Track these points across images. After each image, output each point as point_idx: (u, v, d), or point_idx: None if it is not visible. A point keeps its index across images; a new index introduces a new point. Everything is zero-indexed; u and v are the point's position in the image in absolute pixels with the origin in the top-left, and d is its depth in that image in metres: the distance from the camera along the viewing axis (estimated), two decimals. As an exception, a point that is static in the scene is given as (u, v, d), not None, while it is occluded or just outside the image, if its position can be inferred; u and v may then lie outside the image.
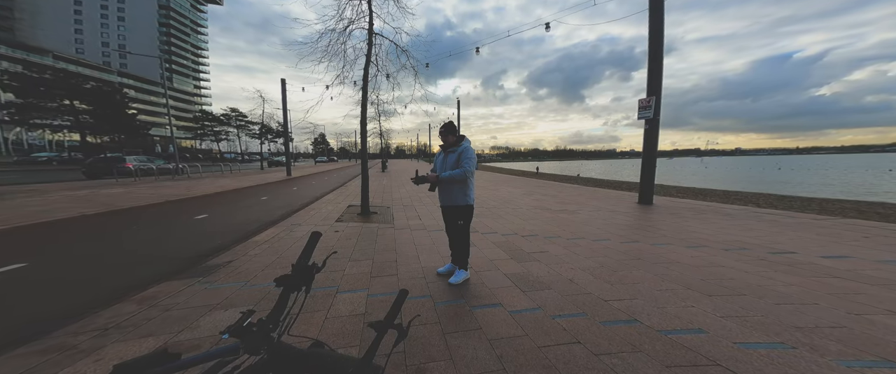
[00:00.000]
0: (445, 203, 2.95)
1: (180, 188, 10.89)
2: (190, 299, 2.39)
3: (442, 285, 2.91)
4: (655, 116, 7.54)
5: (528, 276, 3.14)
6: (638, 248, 4.06)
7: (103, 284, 2.85)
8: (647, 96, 7.61)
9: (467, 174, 2.81)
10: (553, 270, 3.29)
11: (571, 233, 4.87)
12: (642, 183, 8.01)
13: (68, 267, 3.32)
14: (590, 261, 3.55)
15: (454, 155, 2.85)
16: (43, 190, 9.41)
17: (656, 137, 7.78)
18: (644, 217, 6.22)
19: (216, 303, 2.33)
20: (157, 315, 2.13)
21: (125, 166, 14.44)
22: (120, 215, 6.34)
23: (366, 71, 6.13)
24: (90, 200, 7.70)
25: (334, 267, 3.30)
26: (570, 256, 3.74)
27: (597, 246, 4.13)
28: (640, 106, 7.81)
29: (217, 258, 3.51)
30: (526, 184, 15.37)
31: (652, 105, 7.47)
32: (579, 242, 4.35)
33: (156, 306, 2.22)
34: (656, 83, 7.51)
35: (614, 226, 5.37)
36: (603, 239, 4.49)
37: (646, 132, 7.82)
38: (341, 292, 2.71)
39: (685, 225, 5.41)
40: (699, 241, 4.38)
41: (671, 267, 3.32)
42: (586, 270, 3.28)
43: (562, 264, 3.48)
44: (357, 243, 4.23)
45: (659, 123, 7.71)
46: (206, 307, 2.24)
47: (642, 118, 7.78)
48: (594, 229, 5.09)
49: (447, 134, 2.91)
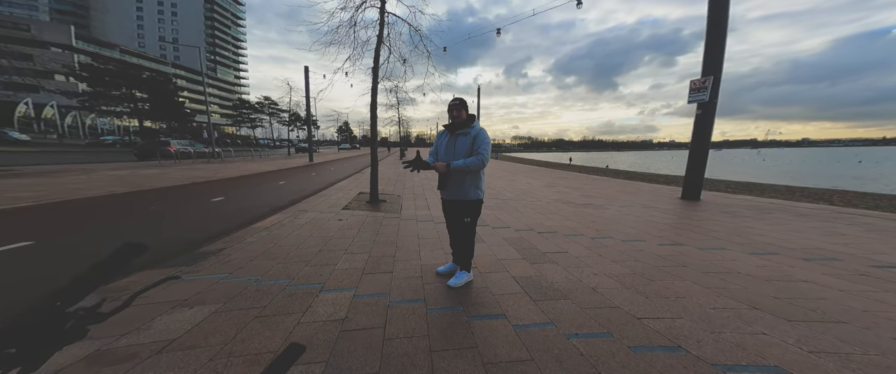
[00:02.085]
0: (451, 197, 2.51)
1: (209, 171, 11.45)
2: (159, 292, 2.23)
3: (440, 287, 2.54)
4: (712, 99, 6.43)
5: (541, 281, 2.67)
6: (681, 252, 3.39)
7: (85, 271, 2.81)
8: (703, 76, 6.50)
9: (484, 163, 2.36)
10: (572, 275, 2.79)
11: (597, 231, 4.26)
12: (688, 176, 6.98)
13: (64, 249, 3.31)
14: (618, 266, 2.99)
15: (466, 139, 2.38)
16: (93, 169, 10.31)
17: (711, 124, 6.66)
18: (689, 215, 5.37)
19: (184, 299, 2.14)
20: (116, 313, 1.96)
21: (168, 149, 15.59)
22: (145, 195, 6.63)
23: (377, 52, 5.76)
24: (126, 180, 8.24)
25: (325, 261, 3.04)
26: (595, 258, 3.19)
27: (628, 248, 3.52)
28: (693, 88, 6.71)
29: (212, 245, 3.40)
30: (547, 175, 14.44)
31: (708, 86, 6.37)
32: (606, 242, 3.76)
33: (118, 301, 2.07)
34: (715, 61, 6.36)
35: (650, 224, 4.65)
36: (636, 239, 3.85)
37: (697, 118, 6.73)
38: (326, 290, 2.43)
39: (745, 226, 4.55)
40: (766, 246, 3.60)
41: (729, 279, 2.67)
42: (614, 276, 2.74)
43: (583, 267, 2.95)
44: (358, 234, 3.97)
45: (715, 108, 6.58)
46: (170, 304, 2.05)
47: (694, 101, 6.69)
48: (625, 228, 4.43)
49: (459, 110, 2.43)
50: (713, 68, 6.37)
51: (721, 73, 6.41)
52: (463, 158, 2.39)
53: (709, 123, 6.63)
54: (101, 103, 33.51)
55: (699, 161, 6.81)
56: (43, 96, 41.42)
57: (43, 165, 11.65)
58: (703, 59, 6.53)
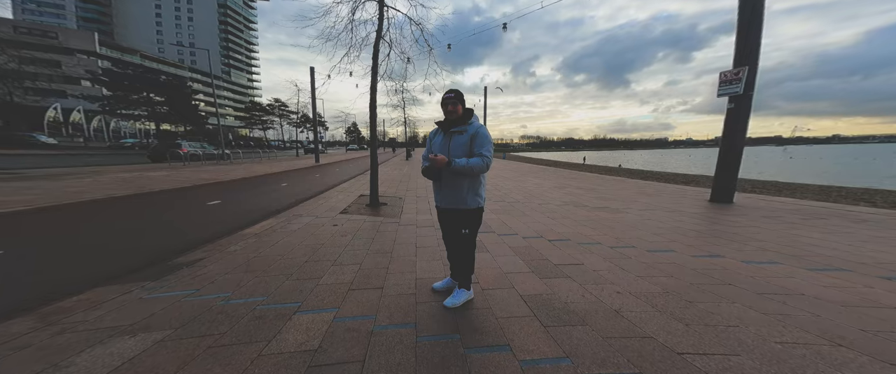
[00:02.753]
0: (447, 205, 2.15)
1: (216, 173, 11.44)
2: (107, 314, 1.94)
3: (434, 307, 2.18)
4: (747, 91, 5.81)
5: (553, 300, 2.27)
6: (723, 265, 2.92)
7: (38, 286, 2.50)
8: (735, 67, 5.90)
9: (488, 165, 2.01)
10: (591, 293, 2.37)
11: (616, 239, 3.80)
12: (719, 176, 6.35)
13: (31, 260, 3.07)
14: (646, 282, 2.55)
15: (463, 137, 2.04)
16: (103, 171, 10.42)
17: (745, 119, 6.01)
18: (723, 220, 4.81)
19: (130, 324, 1.84)
20: (41, 341, 1.65)
21: (178, 151, 15.82)
22: (144, 198, 6.51)
23: (376, 49, 5.45)
24: (130, 182, 8.21)
25: (310, 273, 2.72)
26: (616, 272, 2.76)
27: (655, 260, 3.07)
28: (723, 79, 6.12)
29: (191, 254, 3.13)
30: (557, 175, 13.85)
31: (742, 78, 5.76)
32: (628, 252, 3.30)
33: (55, 325, 1.79)
34: (750, 49, 5.75)
35: (679, 231, 4.14)
36: (663, 249, 3.38)
37: (729, 113, 6.11)
38: (302, 311, 2.10)
39: (795, 234, 4.00)
40: (830, 260, 3.08)
41: (792, 302, 2.20)
42: (642, 296, 2.31)
43: (603, 284, 2.53)
44: (351, 242, 3.64)
45: (751, 101, 5.94)
46: (110, 331, 1.75)
47: (725, 95, 6.10)
48: (649, 235, 3.95)
49: (455, 104, 2.06)
50: (748, 57, 5.76)
51: (757, 62, 5.79)
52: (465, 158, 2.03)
53: (743, 117, 6.00)
54: (120, 107, 34.76)
55: (731, 160, 6.17)
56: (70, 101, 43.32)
57: (58, 167, 11.90)
58: (735, 48, 5.94)
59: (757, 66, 5.81)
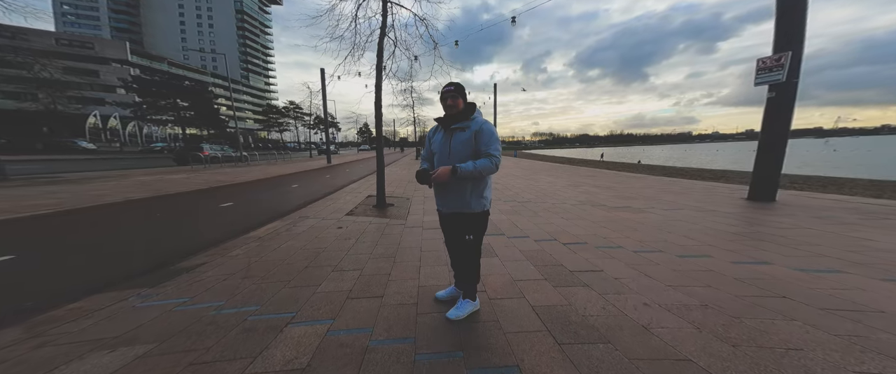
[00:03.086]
0: (449, 209, 1.96)
1: (232, 175, 11.74)
2: (95, 325, 1.88)
3: (436, 319, 1.99)
4: (790, 78, 5.22)
5: (569, 313, 2.03)
6: (772, 274, 2.56)
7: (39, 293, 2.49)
8: (775, 53, 5.33)
9: (497, 166, 1.82)
10: (613, 305, 2.12)
11: (640, 242, 3.47)
12: (758, 172, 5.76)
13: (39, 265, 3.07)
14: (679, 293, 2.26)
15: (465, 134, 1.84)
16: (128, 175, 10.91)
17: (789, 109, 5.39)
18: (765, 221, 4.35)
19: (115, 336, 1.76)
20: (18, 355, 1.57)
21: (198, 154, 16.49)
22: (160, 201, 6.69)
23: (380, 46, 5.31)
24: (150, 185, 8.51)
25: (309, 280, 2.60)
26: (642, 280, 2.48)
27: (688, 266, 2.75)
28: (762, 67, 5.55)
29: (194, 258, 3.10)
30: (571, 172, 13.32)
31: (784, 64, 5.18)
32: (654, 257, 2.99)
33: (39, 337, 1.73)
34: (794, 32, 5.15)
35: (714, 234, 3.75)
36: (697, 254, 3.04)
37: (770, 103, 5.53)
38: (296, 323, 1.96)
39: (858, 237, 3.52)
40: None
41: (868, 321, 1.86)
42: (675, 309, 2.03)
43: (627, 294, 2.26)
44: (354, 245, 3.52)
45: (796, 90, 5.34)
46: (91, 344, 1.67)
47: (764, 83, 5.53)
48: (678, 238, 3.59)
49: (455, 97, 1.88)
50: (791, 42, 5.17)
51: (802, 46, 5.17)
52: (463, 160, 1.83)
53: (786, 107, 5.38)
54: (150, 113, 36.71)
55: (774, 154, 5.57)
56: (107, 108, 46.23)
57: (92, 171, 12.61)
58: (774, 33, 5.36)
59: (802, 50, 5.20)
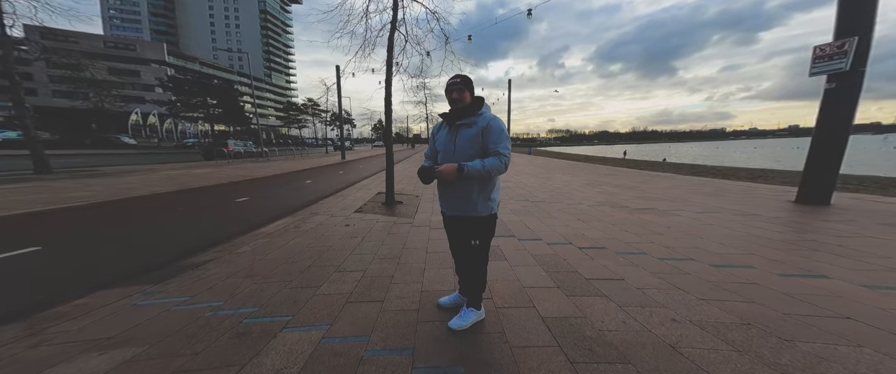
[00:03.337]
0: (453, 212, 1.82)
1: (252, 170, 12.16)
2: (93, 324, 1.88)
3: (438, 328, 1.86)
4: (856, 67, 4.59)
5: (584, 326, 1.83)
6: (831, 290, 2.23)
7: (54, 283, 2.56)
8: (837, 39, 4.71)
9: (506, 165, 1.66)
10: (635, 319, 1.89)
11: (666, 248, 3.16)
12: (810, 171, 5.14)
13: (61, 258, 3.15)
14: (715, 308, 1.99)
15: (472, 131, 1.69)
16: (157, 169, 11.56)
17: (852, 101, 4.75)
18: (820, 227, 3.86)
19: (108, 337, 1.74)
20: (12, 355, 1.56)
21: (223, 150, 17.30)
22: (183, 195, 6.95)
23: (391, 40, 5.20)
24: (176, 179, 8.94)
25: (310, 280, 2.53)
26: (669, 292, 2.21)
27: (725, 277, 2.44)
28: (820, 55, 4.93)
29: (203, 254, 3.12)
30: (589, 171, 12.71)
31: (848, 51, 4.56)
32: (685, 266, 2.69)
33: (37, 335, 1.75)
34: (863, 15, 4.52)
35: (755, 241, 3.35)
36: (736, 264, 2.71)
37: (827, 94, 4.93)
38: (290, 327, 1.89)
39: None
40: None
41: None
42: (710, 327, 1.78)
43: (652, 307, 2.02)
44: (359, 244, 3.44)
45: (863, 80, 4.70)
46: (84, 345, 1.66)
47: (822, 73, 4.92)
48: (712, 245, 3.24)
49: (462, 90, 1.73)
50: (857, 26, 4.52)
51: (872, 31, 4.51)
52: (469, 158, 1.67)
53: (848, 99, 4.75)
54: (183, 110, 38.95)
55: (830, 152, 4.93)
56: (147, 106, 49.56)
57: (128, 165, 13.48)
58: (836, 17, 4.73)
59: (871, 35, 4.52)
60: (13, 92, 8.79)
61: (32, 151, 9.45)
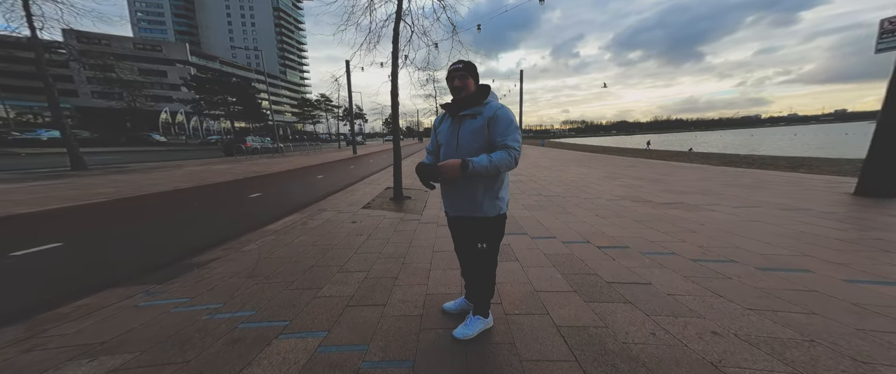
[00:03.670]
0: (457, 212, 1.65)
1: (267, 165, 12.43)
2: (91, 327, 1.85)
3: (441, 336, 1.72)
4: None
5: (605, 338, 1.63)
6: None
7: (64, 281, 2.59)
8: None
9: (516, 159, 1.47)
10: (666, 330, 1.67)
11: (701, 248, 2.84)
12: (874, 159, 4.61)
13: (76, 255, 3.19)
14: (767, 320, 1.73)
15: (476, 122, 1.50)
16: (181, 165, 12.05)
17: None
18: (886, 224, 3.41)
19: (101, 342, 1.70)
20: (4, 360, 1.54)
21: (241, 146, 17.86)
22: (201, 190, 7.12)
23: (396, 31, 4.99)
24: (196, 175, 9.24)
25: (312, 281, 2.44)
26: (708, 299, 1.95)
27: (777, 283, 2.14)
28: (890, 28, 4.42)
29: (210, 252, 3.11)
30: (607, 162, 12.10)
31: None
32: (724, 269, 2.39)
33: (34, 338, 1.73)
34: None
35: (810, 240, 2.96)
36: (789, 267, 2.38)
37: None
38: (286, 334, 1.79)
39: None
40: None
41: None
42: (762, 343, 1.54)
43: (686, 316, 1.79)
44: (365, 242, 3.33)
45: None
46: (78, 350, 1.62)
47: (891, 49, 4.34)
48: (756, 244, 2.88)
49: (464, 77, 1.53)
50: None
51: None
52: (474, 153, 1.48)
53: None
54: (205, 108, 40.51)
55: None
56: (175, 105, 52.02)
57: (155, 161, 14.15)
58: None
59: None
60: (48, 93, 9.32)
61: (69, 150, 10.05)
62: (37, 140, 23.85)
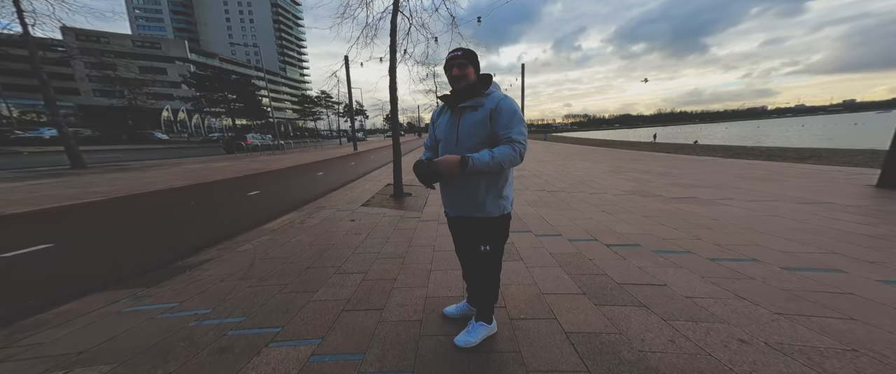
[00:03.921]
0: (458, 212, 1.51)
1: (267, 163, 12.32)
2: (68, 335, 1.74)
3: (442, 343, 1.60)
4: None
5: (620, 346, 1.51)
6: None
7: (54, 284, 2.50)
8: None
9: (522, 154, 1.32)
10: (687, 337, 1.55)
11: (718, 246, 2.69)
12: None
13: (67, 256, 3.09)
14: (800, 326, 1.59)
15: (477, 115, 1.35)
16: (180, 163, 11.97)
17: None
18: None
19: (80, 352, 1.59)
20: None
21: (241, 143, 17.79)
22: (198, 188, 7.03)
23: (393, 24, 4.81)
24: (195, 173, 9.15)
25: (307, 284, 2.33)
26: (731, 302, 1.82)
27: (807, 284, 1.99)
28: None
29: (204, 253, 3.00)
30: (611, 156, 11.89)
31: None
32: (746, 268, 2.24)
33: (13, 346, 1.62)
34: None
35: (839, 236, 2.78)
36: (818, 267, 2.23)
37: None
38: (278, 341, 1.68)
39: None
40: None
41: None
42: (798, 352, 1.41)
43: (709, 322, 1.65)
44: (364, 241, 3.21)
45: None
46: (51, 362, 1.51)
47: None
48: (778, 241, 2.72)
49: (464, 66, 1.38)
50: None
51: None
52: (475, 148, 1.34)
53: None
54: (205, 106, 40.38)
55: None
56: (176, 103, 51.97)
57: (155, 159, 14.10)
58: None
59: None
60: (43, 91, 9.22)
61: (67, 148, 9.99)
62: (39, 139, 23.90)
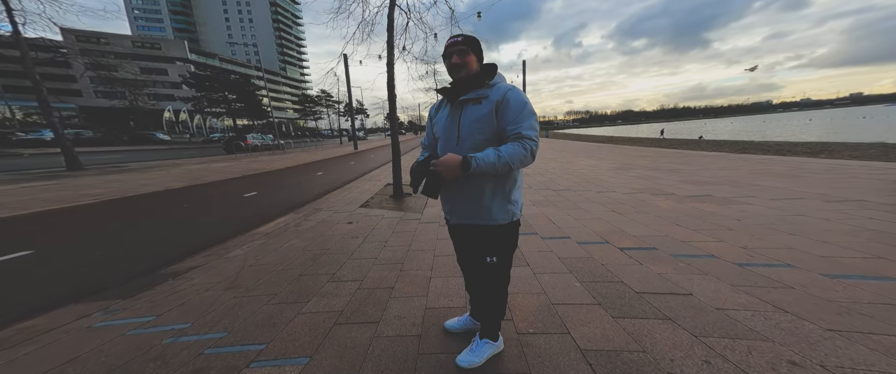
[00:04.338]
0: (460, 219, 1.31)
1: (266, 163, 12.16)
2: (28, 355, 1.56)
3: (443, 364, 1.43)
4: None
5: (646, 366, 1.32)
6: None
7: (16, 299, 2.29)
8: None
9: (533, 152, 1.12)
10: (726, 357, 1.36)
11: (745, 250, 2.48)
12: None
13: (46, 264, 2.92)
14: (863, 347, 1.39)
15: (481, 109, 1.16)
16: (179, 164, 11.83)
17: None
18: None
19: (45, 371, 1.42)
20: None
21: (241, 143, 17.68)
22: (194, 190, 6.88)
23: (390, 18, 4.62)
24: (192, 174, 9.00)
25: (298, 294, 2.14)
26: (771, 316, 1.62)
27: (857, 294, 1.79)
28: None
29: (190, 260, 2.82)
30: (616, 153, 11.65)
31: None
32: (782, 275, 2.03)
33: None
34: None
35: (879, 237, 2.55)
36: (866, 274, 2.00)
37: None
38: (259, 361, 1.49)
39: None
40: None
41: None
42: None
43: (749, 339, 1.46)
44: (360, 246, 3.02)
45: None
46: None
47: None
48: (813, 244, 2.50)
49: (464, 53, 1.18)
50: None
51: None
52: (479, 147, 1.16)
53: None
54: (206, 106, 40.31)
55: None
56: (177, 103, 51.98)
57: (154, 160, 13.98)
58: None
59: None
60: (36, 92, 9.08)
61: (63, 149, 9.87)
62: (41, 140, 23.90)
